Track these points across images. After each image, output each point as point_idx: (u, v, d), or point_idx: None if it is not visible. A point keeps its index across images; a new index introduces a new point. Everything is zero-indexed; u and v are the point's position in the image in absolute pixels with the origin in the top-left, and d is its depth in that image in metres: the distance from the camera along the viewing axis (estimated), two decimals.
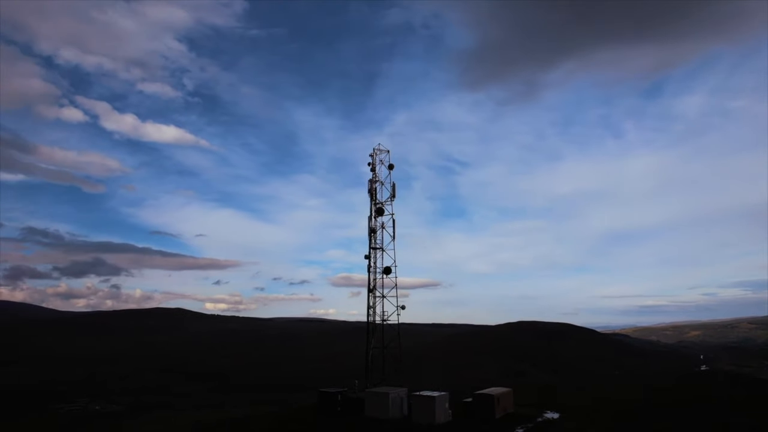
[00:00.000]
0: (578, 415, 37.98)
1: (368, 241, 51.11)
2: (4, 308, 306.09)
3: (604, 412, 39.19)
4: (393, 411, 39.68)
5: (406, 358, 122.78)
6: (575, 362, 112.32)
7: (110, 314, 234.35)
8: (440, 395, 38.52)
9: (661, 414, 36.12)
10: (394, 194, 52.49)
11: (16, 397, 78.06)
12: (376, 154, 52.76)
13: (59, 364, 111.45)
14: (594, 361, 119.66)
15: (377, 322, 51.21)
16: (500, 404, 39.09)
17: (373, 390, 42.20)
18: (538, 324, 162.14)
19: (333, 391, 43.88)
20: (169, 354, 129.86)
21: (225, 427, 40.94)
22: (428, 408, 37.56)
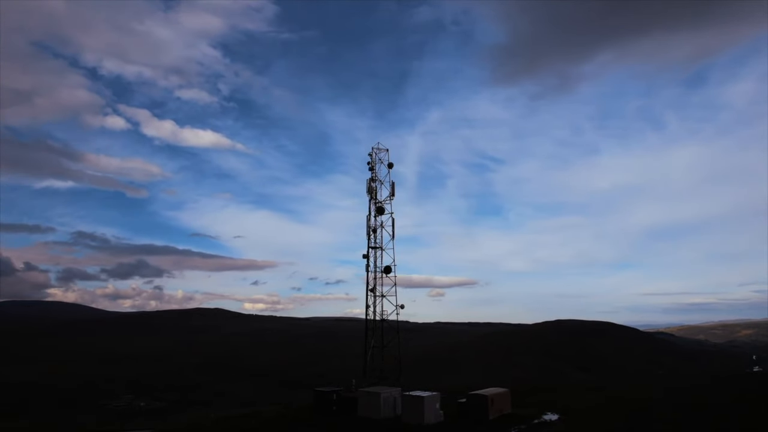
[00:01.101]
0: (579, 417, 36.71)
1: (367, 241, 51.19)
2: (58, 309, 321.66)
3: (610, 413, 37.68)
4: (385, 411, 39.43)
5: (441, 358, 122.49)
6: (616, 362, 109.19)
7: (154, 314, 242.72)
8: (430, 395, 37.88)
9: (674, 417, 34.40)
10: (393, 193, 52.37)
11: (68, 394, 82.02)
12: (375, 152, 52.60)
13: (107, 362, 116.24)
14: (636, 360, 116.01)
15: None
16: (495, 405, 38.04)
17: (366, 390, 42.09)
18: (576, 322, 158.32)
19: (328, 391, 43.90)
20: (209, 353, 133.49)
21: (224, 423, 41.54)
22: (417, 408, 36.96)
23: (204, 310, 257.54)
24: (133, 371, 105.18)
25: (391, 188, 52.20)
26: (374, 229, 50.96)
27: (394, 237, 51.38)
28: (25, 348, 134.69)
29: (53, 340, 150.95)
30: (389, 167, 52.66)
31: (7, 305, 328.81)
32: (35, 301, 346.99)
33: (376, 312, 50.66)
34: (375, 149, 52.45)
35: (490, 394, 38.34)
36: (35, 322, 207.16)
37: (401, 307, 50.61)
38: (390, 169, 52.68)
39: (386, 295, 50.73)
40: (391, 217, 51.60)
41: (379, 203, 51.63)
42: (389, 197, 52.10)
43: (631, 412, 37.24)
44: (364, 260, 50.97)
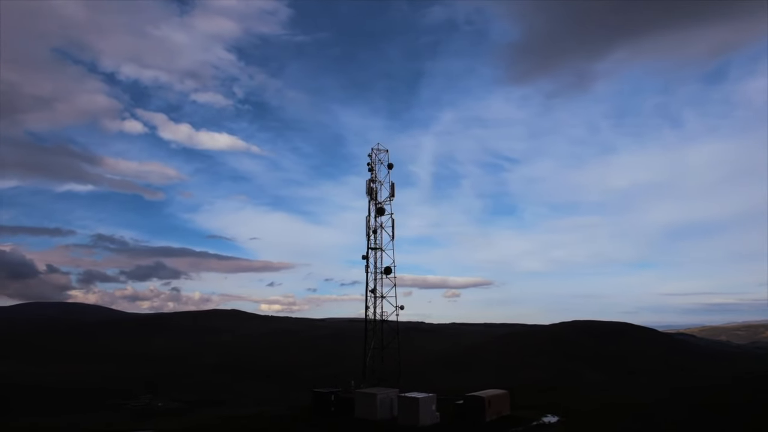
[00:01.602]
0: (579, 419, 36.10)
1: (366, 242, 50.97)
2: (80, 310, 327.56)
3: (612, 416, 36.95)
4: (381, 412, 39.42)
5: (456, 359, 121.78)
6: (633, 363, 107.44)
7: (172, 315, 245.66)
8: (425, 397, 37.69)
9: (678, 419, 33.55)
10: (393, 193, 51.94)
11: (89, 393, 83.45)
12: (374, 153, 52.22)
13: (126, 363, 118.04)
14: (655, 361, 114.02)
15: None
16: (492, 407, 37.66)
17: (363, 391, 42.10)
18: (594, 323, 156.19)
19: (326, 392, 43.94)
20: (225, 354, 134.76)
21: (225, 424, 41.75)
22: (412, 409, 36.87)
23: (221, 311, 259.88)
24: (151, 371, 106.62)
25: (390, 189, 51.92)
26: (374, 230, 50.78)
27: (394, 238, 51.18)
28: (48, 348, 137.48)
29: (75, 340, 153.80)
30: (389, 168, 52.33)
31: (30, 306, 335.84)
32: (57, 303, 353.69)
33: (376, 313, 50.55)
34: (374, 150, 52.09)
35: (487, 395, 37.98)
36: (57, 323, 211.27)
37: (401, 308, 50.42)
38: (390, 170, 52.29)
39: (386, 296, 50.61)
40: (390, 218, 51.45)
41: (380, 204, 51.44)
42: (389, 198, 51.86)
43: (634, 415, 36.62)
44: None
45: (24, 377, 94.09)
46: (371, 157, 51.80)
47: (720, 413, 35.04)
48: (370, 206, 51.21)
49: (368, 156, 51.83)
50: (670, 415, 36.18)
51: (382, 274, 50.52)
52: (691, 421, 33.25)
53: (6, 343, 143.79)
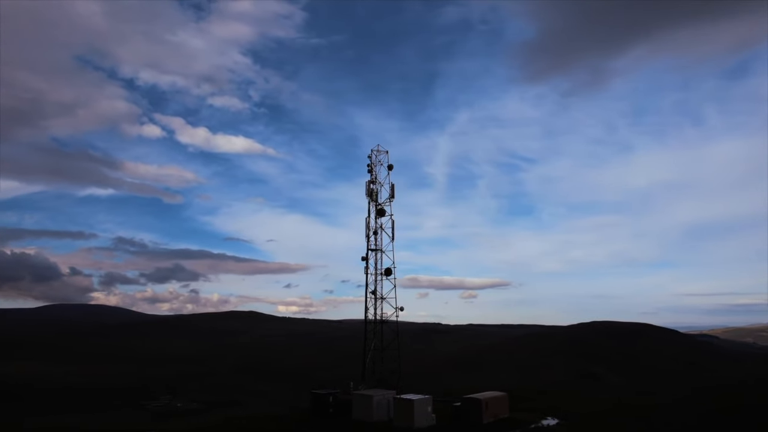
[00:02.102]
0: (579, 422, 35.70)
1: (366, 243, 51.04)
2: (101, 312, 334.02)
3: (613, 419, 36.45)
4: (378, 413, 39.48)
5: (473, 360, 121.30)
6: (654, 365, 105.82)
7: (190, 317, 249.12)
8: (420, 398, 37.50)
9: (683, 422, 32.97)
10: (393, 195, 51.93)
11: (111, 393, 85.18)
12: (374, 155, 52.20)
13: (146, 364, 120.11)
14: (676, 363, 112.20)
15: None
16: (489, 409, 37.45)
17: (360, 392, 42.25)
18: (613, 324, 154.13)
19: (324, 393, 44.18)
20: (243, 355, 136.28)
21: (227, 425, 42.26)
22: (407, 411, 36.79)
23: (239, 312, 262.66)
24: (171, 372, 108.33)
25: (390, 190, 51.97)
26: (375, 231, 50.97)
27: (394, 239, 51.31)
28: (72, 349, 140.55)
29: (97, 341, 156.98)
30: (389, 169, 52.31)
31: (55, 308, 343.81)
32: (80, 305, 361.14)
33: (376, 314, 50.79)
34: (374, 151, 52.16)
35: (485, 397, 37.87)
36: (80, 324, 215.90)
37: (401, 309, 50.61)
38: (390, 171, 52.27)
39: (386, 297, 50.80)
40: (390, 219, 51.54)
41: (380, 205, 51.54)
42: (389, 199, 51.94)
43: (636, 417, 36.18)
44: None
45: (49, 377, 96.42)
46: (371, 158, 51.96)
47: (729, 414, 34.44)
48: (370, 207, 51.44)
49: (368, 157, 51.99)
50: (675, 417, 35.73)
51: (382, 276, 50.77)
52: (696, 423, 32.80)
53: (32, 344, 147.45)
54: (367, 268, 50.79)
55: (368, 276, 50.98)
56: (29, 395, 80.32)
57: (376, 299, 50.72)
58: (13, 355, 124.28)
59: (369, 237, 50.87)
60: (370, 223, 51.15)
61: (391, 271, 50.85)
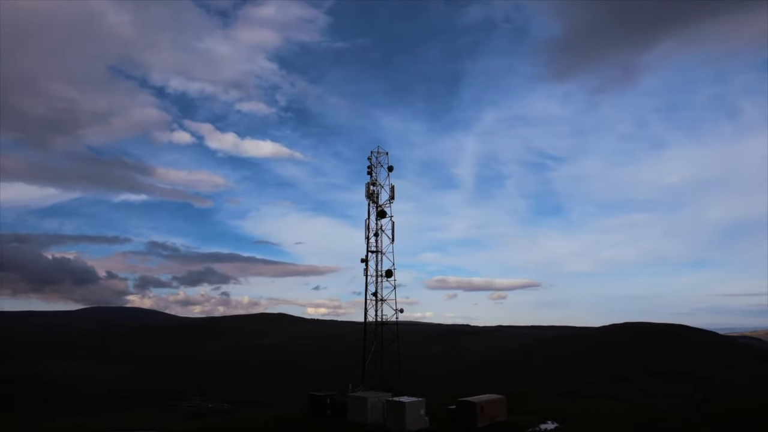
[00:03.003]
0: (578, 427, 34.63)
1: (366, 245, 50.97)
2: (136, 314, 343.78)
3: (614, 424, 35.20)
4: (372, 416, 39.44)
5: (501, 362, 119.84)
6: (690, 367, 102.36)
7: (222, 319, 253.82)
8: (413, 401, 37.22)
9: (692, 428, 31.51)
10: (393, 196, 51.83)
11: (146, 394, 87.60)
12: (374, 156, 52.17)
13: (179, 365, 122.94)
14: (714, 366, 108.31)
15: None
16: (485, 412, 36.82)
17: (355, 394, 42.24)
18: (646, 325, 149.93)
19: (321, 395, 44.26)
20: (272, 357, 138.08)
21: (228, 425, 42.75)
22: (399, 414, 36.53)
23: (269, 315, 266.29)
24: (203, 373, 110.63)
25: (390, 191, 52.05)
26: (376, 233, 51.05)
27: (394, 240, 51.32)
28: (109, 350, 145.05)
29: (132, 343, 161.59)
30: (389, 170, 52.43)
31: (93, 310, 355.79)
32: (117, 307, 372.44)
33: (377, 316, 50.83)
34: (374, 153, 52.29)
35: (480, 401, 37.40)
36: (117, 326, 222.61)
37: (400, 311, 50.66)
38: (390, 172, 52.40)
39: (386, 299, 50.82)
40: (390, 221, 51.60)
41: (380, 207, 51.61)
42: (389, 201, 52.01)
43: (639, 423, 35.03)
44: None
45: (88, 377, 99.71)
46: (370, 160, 52.12)
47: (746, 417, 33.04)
48: (370, 209, 51.56)
49: (368, 159, 52.17)
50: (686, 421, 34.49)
51: (382, 277, 50.86)
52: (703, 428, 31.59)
53: (72, 344, 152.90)
54: (367, 270, 51.12)
55: (368, 278, 51.29)
56: (69, 394, 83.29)
57: (377, 301, 50.91)
58: (56, 355, 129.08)
59: (369, 239, 51.10)
60: (370, 225, 51.38)
61: (391, 273, 51.03)
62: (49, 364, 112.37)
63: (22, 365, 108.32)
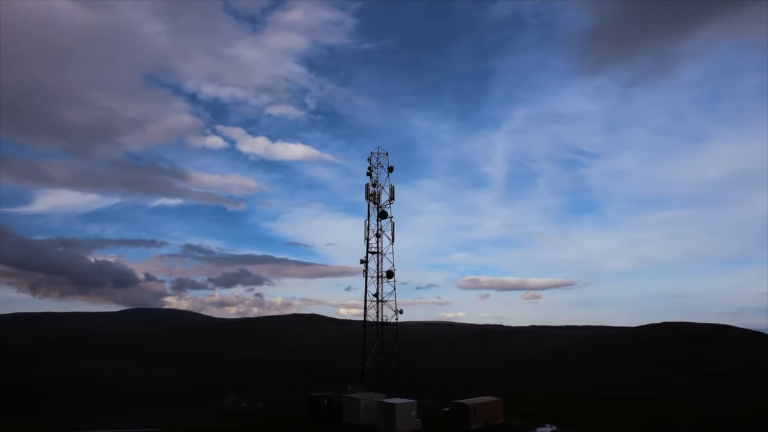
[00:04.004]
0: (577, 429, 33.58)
1: (366, 246, 50.89)
2: (173, 315, 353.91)
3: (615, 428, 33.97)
4: (364, 417, 39.47)
5: (535, 363, 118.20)
6: (736, 370, 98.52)
7: (256, 320, 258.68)
8: (403, 402, 37.05)
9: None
10: (393, 197, 51.77)
11: (183, 393, 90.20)
12: (374, 157, 52.11)
13: (215, 365, 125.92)
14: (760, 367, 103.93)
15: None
16: (478, 415, 36.25)
17: (349, 395, 42.41)
18: (687, 325, 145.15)
19: (319, 396, 44.67)
20: (305, 357, 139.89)
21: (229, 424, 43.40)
22: (389, 415, 36.35)
23: (301, 315, 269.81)
24: (237, 374, 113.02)
25: (390, 192, 52.06)
26: (377, 234, 51.13)
27: (394, 241, 51.39)
28: (148, 350, 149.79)
29: (170, 343, 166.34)
30: (389, 171, 52.48)
31: (134, 311, 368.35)
32: (155, 309, 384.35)
33: (379, 317, 50.98)
34: (374, 153, 52.41)
35: (473, 403, 37.00)
36: (155, 327, 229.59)
37: (400, 312, 50.87)
38: (390, 173, 52.51)
39: (386, 300, 50.91)
40: (390, 221, 51.63)
41: (381, 207, 51.65)
42: (389, 201, 52.01)
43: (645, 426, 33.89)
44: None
45: (127, 376, 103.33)
46: (370, 160, 52.32)
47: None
48: (370, 210, 51.70)
49: (368, 160, 52.39)
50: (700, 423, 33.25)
51: (382, 278, 51.01)
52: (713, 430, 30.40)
53: (114, 345, 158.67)
54: (366, 271, 51.44)
55: (368, 278, 51.62)
56: (109, 393, 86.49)
57: (378, 302, 51.21)
58: (99, 355, 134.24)
59: (368, 240, 51.35)
60: (371, 226, 51.61)
61: (392, 274, 51.27)
62: (93, 364, 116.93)
63: (68, 364, 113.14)
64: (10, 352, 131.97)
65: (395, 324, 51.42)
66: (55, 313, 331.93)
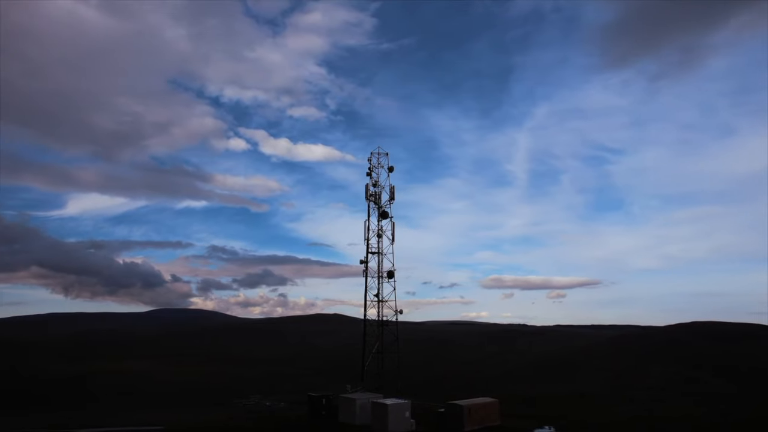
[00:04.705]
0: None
1: (366, 247, 50.81)
2: (199, 316, 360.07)
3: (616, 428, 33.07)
4: (360, 417, 39.63)
5: (559, 363, 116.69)
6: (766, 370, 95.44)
7: (279, 320, 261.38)
8: (396, 403, 36.98)
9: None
10: (393, 197, 51.75)
11: (207, 392, 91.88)
12: (374, 157, 52.08)
13: (240, 364, 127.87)
14: None
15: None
16: (473, 416, 35.99)
17: (345, 396, 42.66)
18: (717, 324, 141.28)
19: (317, 396, 45.17)
20: (328, 356, 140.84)
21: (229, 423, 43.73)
22: (382, 416, 36.29)
23: (325, 315, 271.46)
24: (262, 373, 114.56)
25: (390, 192, 52.02)
26: (379, 234, 51.20)
27: (394, 241, 51.43)
28: (174, 349, 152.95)
29: (196, 343, 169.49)
30: (390, 171, 52.47)
31: (161, 312, 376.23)
32: (182, 309, 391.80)
33: (379, 316, 51.16)
34: (374, 153, 52.51)
35: (468, 404, 36.78)
36: (182, 327, 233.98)
37: (400, 312, 51.12)
38: (390, 172, 52.52)
39: (386, 300, 50.99)
40: (390, 221, 51.63)
41: (382, 208, 51.66)
42: (389, 201, 51.97)
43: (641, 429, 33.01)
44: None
45: (155, 375, 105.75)
46: (370, 161, 52.50)
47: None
48: (370, 210, 51.77)
49: (368, 160, 52.57)
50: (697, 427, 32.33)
51: (383, 278, 51.16)
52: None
53: (142, 344, 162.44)
54: (366, 271, 51.73)
55: (367, 278, 51.87)
56: (136, 392, 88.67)
57: (379, 302, 51.48)
58: (127, 354, 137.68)
59: (368, 240, 51.51)
60: (371, 226, 51.73)
61: (393, 274, 51.49)
62: (121, 363, 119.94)
63: (97, 363, 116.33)
64: (44, 350, 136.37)
65: (395, 324, 51.84)
66: (87, 314, 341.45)
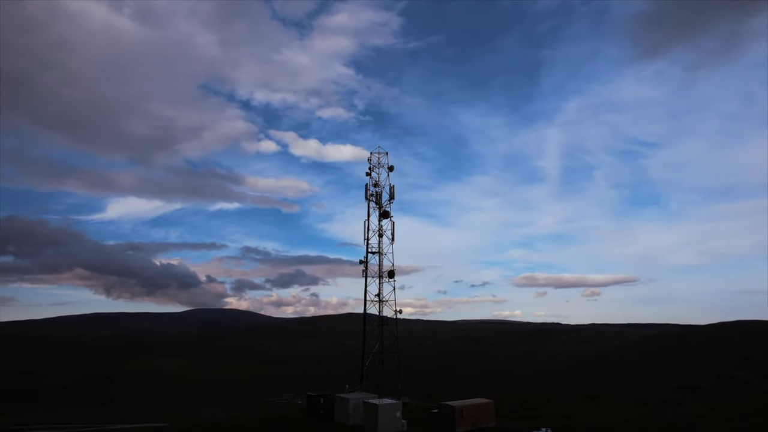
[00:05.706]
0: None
1: (365, 246, 50.60)
2: (234, 316, 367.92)
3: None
4: (354, 417, 39.60)
5: (595, 363, 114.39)
6: None
7: (312, 319, 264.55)
8: (387, 403, 37.02)
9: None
10: (393, 196, 51.62)
11: (241, 390, 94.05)
12: (374, 157, 51.88)
13: (273, 363, 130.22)
14: None
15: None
16: (466, 417, 35.53)
17: (340, 395, 42.58)
18: (763, 323, 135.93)
19: (315, 395, 45.14)
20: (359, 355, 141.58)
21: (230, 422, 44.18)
22: (373, 416, 36.22)
23: (356, 314, 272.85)
24: (295, 372, 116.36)
25: (390, 192, 51.84)
26: (380, 234, 51.13)
27: (394, 240, 51.30)
28: (210, 349, 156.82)
29: (231, 342, 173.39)
30: (390, 170, 52.35)
31: (197, 311, 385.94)
32: (217, 309, 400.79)
33: (380, 316, 51.14)
34: (374, 153, 52.44)
35: (460, 405, 36.44)
36: (217, 327, 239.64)
37: (399, 312, 51.08)
38: (390, 172, 52.41)
39: (387, 300, 50.90)
40: (390, 221, 51.44)
41: (383, 207, 51.55)
42: (389, 201, 51.83)
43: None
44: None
45: (194, 375, 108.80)
46: (370, 161, 52.53)
47: None
48: (370, 210, 51.77)
49: (368, 160, 52.62)
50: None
51: (383, 278, 51.21)
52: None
53: (178, 344, 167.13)
54: (365, 271, 51.91)
55: (367, 278, 52.03)
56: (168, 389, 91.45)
57: (380, 302, 51.61)
58: (166, 354, 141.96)
59: (368, 240, 51.60)
60: (371, 226, 51.80)
61: (393, 274, 51.59)
62: (158, 361, 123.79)
63: (137, 362, 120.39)
64: (88, 349, 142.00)
65: (395, 324, 52.21)
66: (127, 314, 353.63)
